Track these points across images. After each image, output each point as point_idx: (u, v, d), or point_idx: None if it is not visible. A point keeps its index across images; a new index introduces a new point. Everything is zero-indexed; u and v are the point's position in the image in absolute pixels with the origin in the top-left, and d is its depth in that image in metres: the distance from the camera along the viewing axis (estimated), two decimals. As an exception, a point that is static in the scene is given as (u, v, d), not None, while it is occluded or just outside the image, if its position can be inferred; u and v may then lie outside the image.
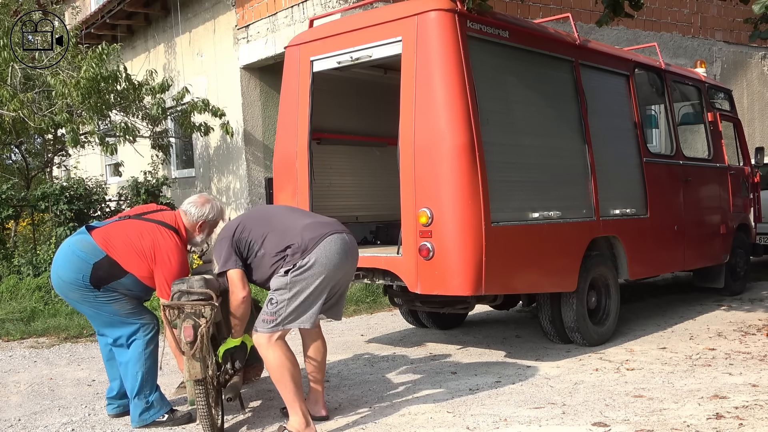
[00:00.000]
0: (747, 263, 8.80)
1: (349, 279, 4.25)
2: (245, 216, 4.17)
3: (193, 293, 3.83)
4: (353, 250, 4.08)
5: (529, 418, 4.14)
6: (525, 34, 5.65)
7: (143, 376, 4.19)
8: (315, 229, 3.96)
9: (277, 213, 4.27)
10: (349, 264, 4.07)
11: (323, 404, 4.28)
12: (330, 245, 3.90)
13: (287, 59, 6.00)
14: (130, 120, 10.18)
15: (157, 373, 4.28)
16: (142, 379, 4.19)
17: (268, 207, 4.42)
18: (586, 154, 5.96)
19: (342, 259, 3.95)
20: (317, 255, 3.86)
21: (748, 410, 4.12)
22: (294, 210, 4.42)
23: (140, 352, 4.20)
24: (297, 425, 3.87)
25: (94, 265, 4.07)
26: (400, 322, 7.32)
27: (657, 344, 6.05)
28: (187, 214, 4.26)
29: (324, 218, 4.17)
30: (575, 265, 5.75)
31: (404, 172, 5.03)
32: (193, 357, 3.76)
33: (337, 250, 3.92)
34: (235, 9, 10.81)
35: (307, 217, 4.19)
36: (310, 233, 3.92)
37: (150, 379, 4.23)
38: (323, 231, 3.95)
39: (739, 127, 8.99)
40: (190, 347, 3.76)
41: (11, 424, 4.42)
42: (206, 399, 3.83)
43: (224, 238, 4.01)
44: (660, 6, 12.88)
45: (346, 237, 4.03)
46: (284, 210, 4.40)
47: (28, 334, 7.19)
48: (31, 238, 10.16)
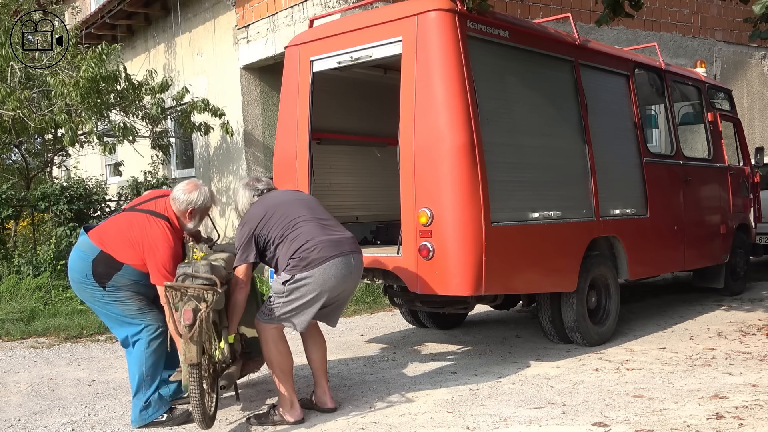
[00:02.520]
0: (747, 263, 8.80)
1: (349, 294, 4.44)
2: (269, 206, 4.26)
3: (198, 277, 3.86)
4: (356, 272, 4.27)
5: (529, 418, 4.14)
6: (525, 34, 5.65)
7: (142, 376, 4.23)
8: (325, 248, 4.11)
9: (298, 214, 4.23)
10: (349, 284, 4.28)
11: (330, 396, 4.46)
12: (331, 269, 4.09)
13: (287, 59, 6.00)
14: (130, 120, 10.18)
15: (158, 373, 4.29)
16: (141, 379, 4.23)
17: (292, 200, 4.32)
18: (586, 154, 5.96)
19: (340, 282, 4.16)
20: (316, 275, 4.07)
21: (748, 410, 4.12)
22: (315, 213, 4.31)
23: (141, 352, 4.23)
24: (283, 404, 4.23)
25: (93, 262, 4.16)
26: (400, 322, 7.32)
27: (657, 344, 6.05)
28: (176, 201, 4.28)
29: (340, 234, 4.27)
30: (575, 265, 5.75)
31: (404, 172, 5.03)
32: (190, 340, 3.77)
33: (335, 274, 4.11)
34: (235, 9, 10.81)
35: (325, 230, 4.22)
36: (318, 252, 4.09)
37: (149, 379, 4.24)
38: (331, 253, 4.11)
39: (739, 127, 8.99)
40: (188, 330, 3.77)
41: (11, 424, 4.42)
42: (200, 384, 3.84)
43: (246, 225, 4.21)
44: (660, 6, 12.88)
45: (351, 259, 4.21)
46: (306, 211, 4.28)
47: (28, 334, 7.20)
48: (31, 238, 10.16)
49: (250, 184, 4.49)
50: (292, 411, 4.23)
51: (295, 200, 4.37)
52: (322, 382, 4.45)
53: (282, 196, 4.44)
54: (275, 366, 4.22)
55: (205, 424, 3.92)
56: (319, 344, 4.47)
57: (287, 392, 4.22)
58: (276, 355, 4.20)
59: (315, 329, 4.47)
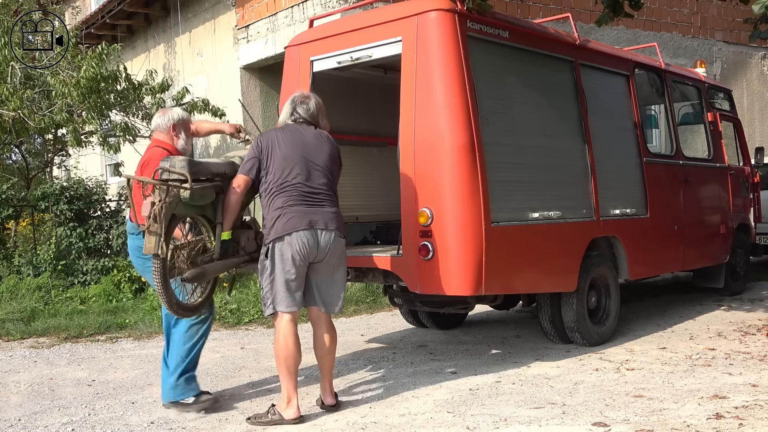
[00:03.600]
0: (747, 263, 8.80)
1: (324, 272, 4.33)
2: (281, 140, 4.28)
3: (174, 173, 3.93)
4: (314, 248, 4.21)
5: (529, 418, 4.14)
6: (525, 34, 5.65)
7: (179, 357, 4.46)
8: (295, 218, 4.16)
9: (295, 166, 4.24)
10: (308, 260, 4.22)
11: (330, 392, 4.45)
12: (285, 245, 4.15)
13: (287, 59, 6.00)
14: (130, 120, 10.18)
15: (194, 356, 4.52)
16: (178, 360, 4.46)
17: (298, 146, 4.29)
18: (586, 154, 5.96)
19: (294, 260, 4.16)
20: (275, 247, 4.17)
21: (748, 410, 4.12)
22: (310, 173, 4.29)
23: (182, 334, 4.48)
24: (282, 402, 4.25)
25: (135, 238, 4.45)
26: (400, 322, 7.32)
27: (657, 344, 6.05)
28: (158, 128, 4.56)
29: (317, 203, 4.25)
30: (575, 265, 5.75)
31: (404, 172, 5.03)
32: (148, 231, 3.83)
33: (295, 249, 4.15)
34: (235, 9, 10.81)
35: (305, 198, 4.24)
36: (285, 220, 4.16)
37: (185, 361, 4.46)
38: (295, 225, 4.15)
39: (739, 127, 8.99)
40: (146, 221, 3.84)
41: (11, 424, 4.42)
42: (161, 274, 3.92)
43: (255, 149, 4.30)
44: (660, 6, 12.88)
45: (309, 236, 4.17)
46: (302, 167, 4.27)
47: (28, 334, 7.20)
48: (31, 238, 10.17)
49: (298, 102, 4.44)
50: (288, 409, 4.20)
51: (298, 149, 4.28)
52: (322, 379, 4.45)
53: (294, 149, 4.28)
54: (280, 360, 4.21)
55: (173, 311, 4.10)
56: (322, 341, 4.37)
57: (287, 389, 4.21)
58: (282, 348, 4.20)
59: (322, 322, 4.39)
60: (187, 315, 4.27)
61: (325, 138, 4.42)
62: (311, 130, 4.40)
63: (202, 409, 4.47)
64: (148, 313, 7.84)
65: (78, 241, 9.31)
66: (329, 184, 4.37)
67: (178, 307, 4.14)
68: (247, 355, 6.20)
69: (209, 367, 5.74)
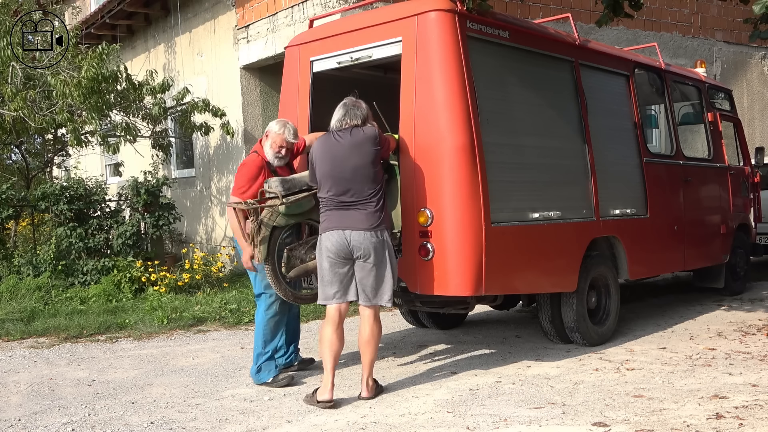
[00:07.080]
0: (747, 263, 8.80)
1: (362, 267, 4.61)
2: (317, 158, 4.68)
3: (270, 192, 4.68)
4: (345, 246, 4.56)
5: (529, 418, 4.14)
6: (525, 35, 5.65)
7: (260, 338, 5.02)
8: (328, 221, 4.61)
9: (326, 182, 4.63)
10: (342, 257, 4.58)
11: (364, 385, 4.70)
12: (321, 244, 4.63)
13: (287, 59, 6.00)
14: (131, 120, 10.18)
15: (274, 340, 5.07)
16: (259, 341, 5.03)
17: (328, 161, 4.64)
18: (586, 154, 5.96)
19: (328, 257, 4.58)
20: (319, 245, 4.65)
21: (748, 410, 4.13)
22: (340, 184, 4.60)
23: (261, 316, 5.06)
24: (320, 388, 4.60)
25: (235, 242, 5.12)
26: (400, 322, 7.32)
27: (657, 344, 6.05)
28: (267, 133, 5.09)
29: (346, 207, 4.58)
30: (575, 265, 5.75)
31: (404, 172, 5.03)
32: (254, 245, 4.68)
33: (325, 247, 4.59)
34: (235, 9, 10.81)
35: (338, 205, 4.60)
36: (323, 223, 4.65)
37: (263, 344, 5.02)
38: (327, 227, 4.60)
39: (739, 127, 8.99)
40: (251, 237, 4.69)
41: (11, 424, 4.42)
42: (273, 274, 4.76)
43: (309, 158, 4.82)
44: (660, 6, 12.88)
45: (335, 235, 4.56)
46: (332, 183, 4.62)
47: (28, 334, 7.20)
48: (31, 238, 10.18)
49: (348, 107, 4.80)
50: (318, 393, 4.54)
51: (329, 176, 4.62)
52: (324, 376, 4.62)
53: (325, 164, 4.64)
54: (322, 345, 4.65)
55: (291, 300, 4.94)
56: (361, 333, 4.70)
57: (324, 374, 4.59)
58: (322, 335, 4.66)
59: (363, 316, 4.72)
60: (304, 302, 5.10)
61: (357, 142, 4.60)
62: (346, 136, 4.64)
63: (282, 386, 4.99)
64: (148, 313, 7.84)
65: (78, 241, 9.31)
66: (358, 188, 4.56)
67: (295, 298, 4.93)
68: (247, 355, 6.19)
69: (209, 367, 5.74)
